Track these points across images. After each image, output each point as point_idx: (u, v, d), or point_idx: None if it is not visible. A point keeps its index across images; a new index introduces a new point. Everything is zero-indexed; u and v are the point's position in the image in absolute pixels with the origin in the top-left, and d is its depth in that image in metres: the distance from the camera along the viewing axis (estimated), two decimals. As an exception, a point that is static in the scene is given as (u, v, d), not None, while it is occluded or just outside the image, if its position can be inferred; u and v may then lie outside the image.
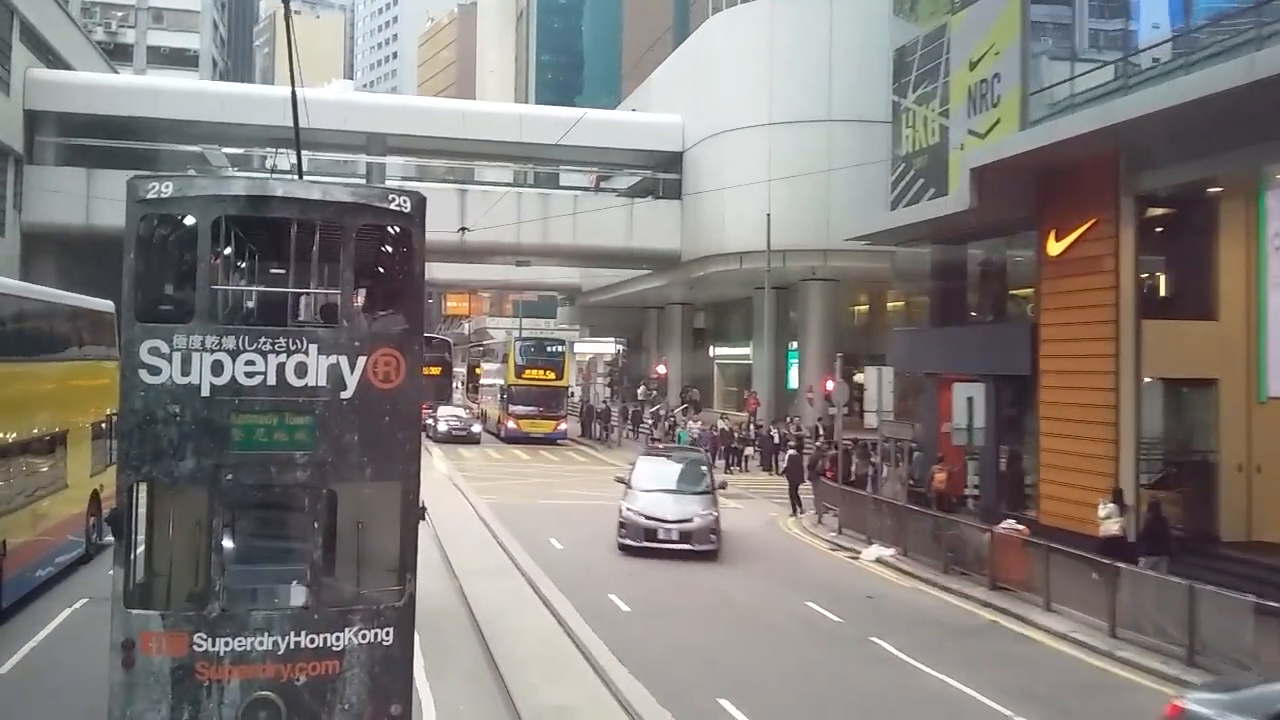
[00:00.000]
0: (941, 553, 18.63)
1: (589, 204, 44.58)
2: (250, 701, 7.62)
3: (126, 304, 7.85)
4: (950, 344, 23.97)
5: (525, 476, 31.71)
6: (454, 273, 57.86)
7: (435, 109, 44.32)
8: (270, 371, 7.77)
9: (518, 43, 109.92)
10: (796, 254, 37.73)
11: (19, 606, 14.09)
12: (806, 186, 37.87)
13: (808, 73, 38.57)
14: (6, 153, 36.38)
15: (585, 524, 22.77)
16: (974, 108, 22.91)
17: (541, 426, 41.81)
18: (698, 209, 42.30)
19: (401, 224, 8.43)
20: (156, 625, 7.64)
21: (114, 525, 7.86)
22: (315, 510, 8.05)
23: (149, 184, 7.80)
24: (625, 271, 53.83)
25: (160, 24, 78.29)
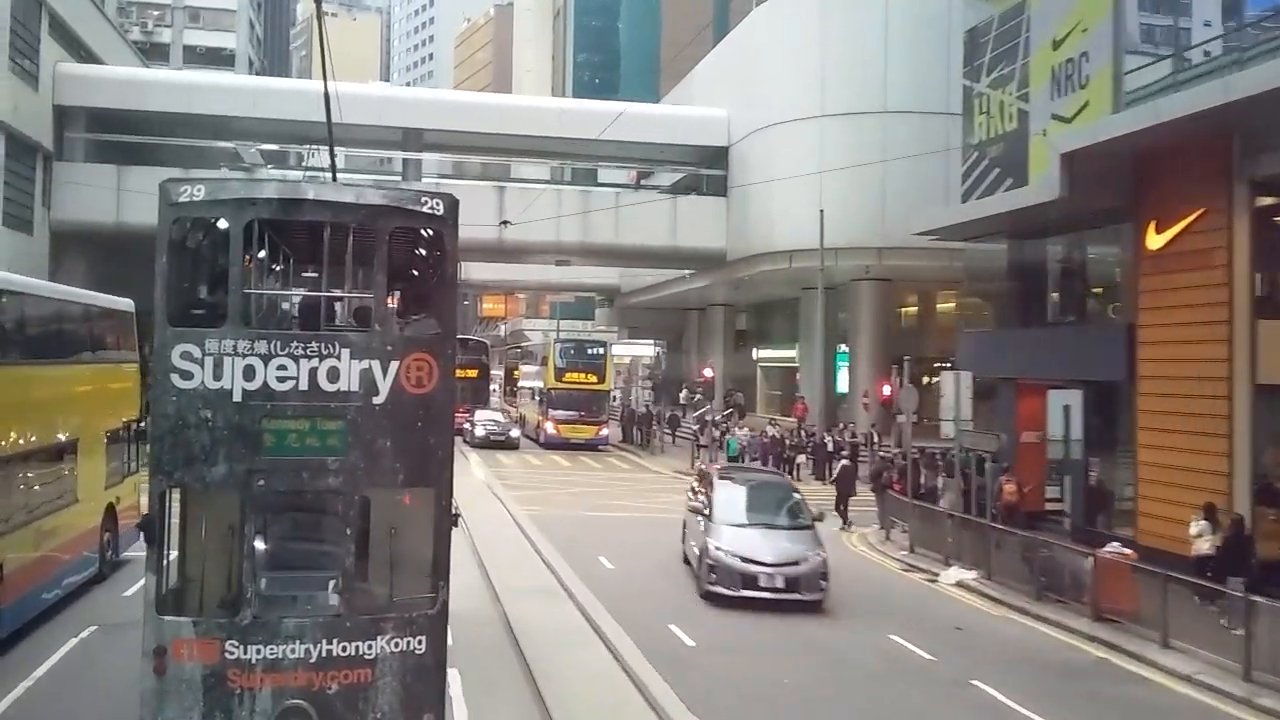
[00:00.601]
0: (1033, 577, 16.86)
1: (631, 201, 42.99)
2: (282, 710, 7.53)
3: (158, 308, 7.72)
4: (1029, 347, 22.13)
5: (567, 485, 30.18)
6: (491, 273, 56.56)
7: (473, 103, 42.97)
8: (302, 376, 7.67)
9: (554, 42, 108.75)
10: (849, 252, 35.96)
11: (20, 635, 12.72)
12: (860, 181, 36.15)
13: (861, 63, 36.87)
14: (35, 149, 35.42)
15: (635, 539, 21.19)
16: (1058, 90, 21.09)
17: (582, 432, 40.25)
18: (744, 206, 40.62)
19: (434, 226, 8.32)
20: (188, 632, 7.58)
21: (146, 531, 7.80)
22: (347, 516, 7.97)
23: (181, 187, 7.69)
24: (666, 271, 52.28)
25: (196, 23, 77.72)
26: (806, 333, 45.96)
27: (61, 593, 14.34)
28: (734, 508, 16.78)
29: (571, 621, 14.19)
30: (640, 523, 23.41)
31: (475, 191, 42.55)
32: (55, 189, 36.83)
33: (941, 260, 36.15)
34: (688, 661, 12.96)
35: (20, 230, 34.27)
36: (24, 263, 32.87)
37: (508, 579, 16.28)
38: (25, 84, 34.11)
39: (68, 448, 14.61)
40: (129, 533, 17.60)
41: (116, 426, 16.95)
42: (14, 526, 12.56)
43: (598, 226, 41.20)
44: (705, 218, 42.11)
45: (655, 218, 41.79)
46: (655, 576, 17.85)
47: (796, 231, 37.57)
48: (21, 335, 13.31)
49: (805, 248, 37.33)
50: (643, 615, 14.81)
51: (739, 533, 16.13)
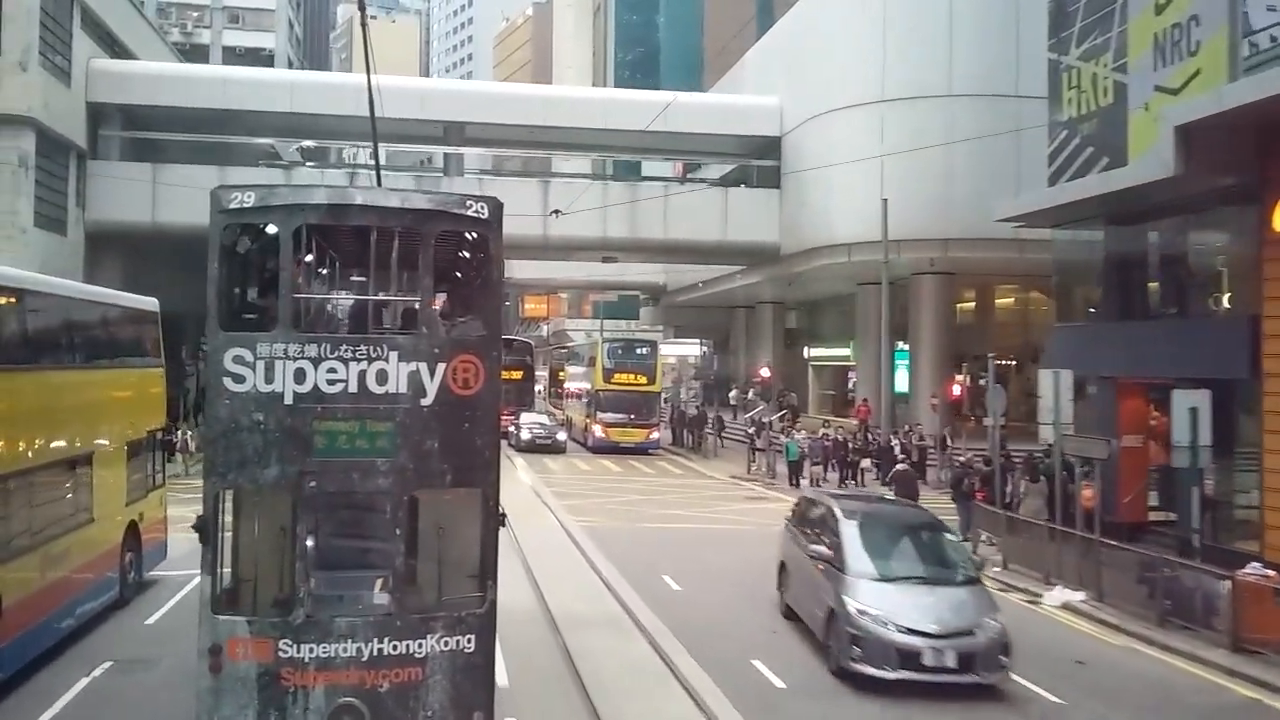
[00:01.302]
0: (1154, 601, 14.97)
1: (682, 194, 41.32)
2: (335, 708, 7.56)
3: (211, 312, 7.82)
4: (1131, 342, 20.14)
5: (619, 492, 28.54)
6: (535, 270, 55.09)
7: (516, 95, 41.34)
8: (352, 379, 7.74)
9: (595, 38, 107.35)
10: (912, 244, 34.00)
11: (26, 673, 11.30)
12: (924, 169, 34.23)
13: (924, 43, 34.92)
14: (68, 147, 34.40)
15: (700, 556, 19.48)
16: (1162, 59, 19.10)
17: (632, 435, 38.58)
18: (799, 198, 38.77)
19: (479, 230, 8.41)
20: (243, 631, 7.67)
21: (201, 532, 7.89)
22: (397, 516, 8.02)
23: (231, 194, 7.80)
24: (714, 268, 50.53)
25: (236, 24, 77.31)
26: (863, 330, 44.17)
27: (75, 622, 12.94)
28: (873, 554, 12.69)
29: (642, 658, 12.52)
30: (702, 537, 21.71)
31: (520, 187, 41.14)
32: (89, 188, 35.82)
33: (1009, 252, 34.18)
34: (780, 707, 11.26)
35: (53, 230, 33.26)
36: (57, 263, 31.90)
37: (566, 604, 14.68)
38: (57, 80, 33.09)
39: (82, 461, 13.21)
40: (154, 550, 16.29)
41: (139, 436, 15.57)
42: (16, 552, 11.14)
43: (645, 221, 39.52)
44: (757, 210, 40.30)
45: (705, 211, 40.09)
46: (726, 599, 16.10)
47: (856, 223, 35.73)
48: (25, 337, 11.90)
49: (865, 240, 35.45)
50: (720, 644, 13.14)
51: (885, 590, 12.10)
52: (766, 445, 33.26)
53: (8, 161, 30.81)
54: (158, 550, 16.54)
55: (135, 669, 11.98)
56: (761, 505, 26.45)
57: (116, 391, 14.98)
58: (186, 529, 19.21)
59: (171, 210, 36.01)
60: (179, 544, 18.86)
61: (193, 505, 22.25)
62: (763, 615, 15.06)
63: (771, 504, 26.83)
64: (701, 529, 22.46)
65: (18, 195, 30.98)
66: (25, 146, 31.20)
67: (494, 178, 41.24)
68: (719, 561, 18.90)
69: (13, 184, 30.93)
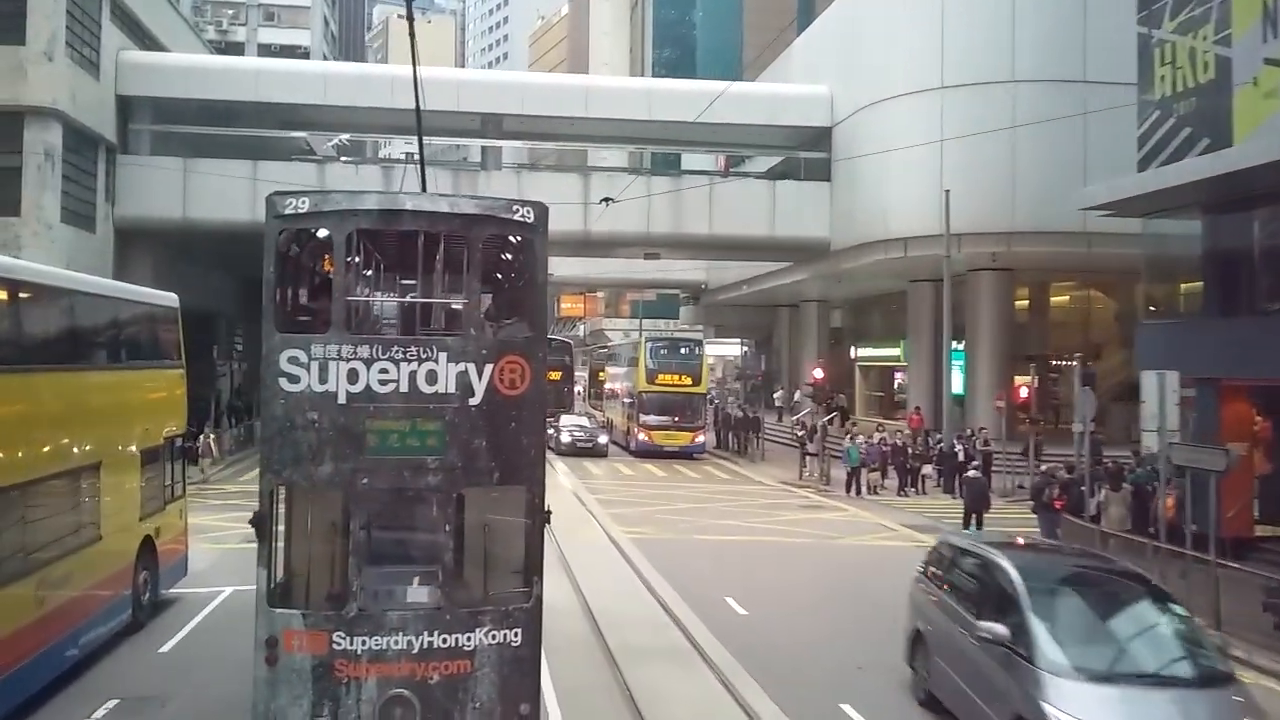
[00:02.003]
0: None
1: (727, 188, 39.70)
2: (387, 699, 7.67)
3: (266, 315, 7.99)
4: (1234, 340, 18.32)
5: (667, 500, 27.01)
6: (573, 267, 53.62)
7: (556, 85, 39.93)
8: (403, 379, 7.88)
9: (632, 33, 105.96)
10: (974, 238, 32.19)
11: (19, 715, 9.99)
12: (985, 159, 32.47)
13: (985, 26, 33.10)
14: (97, 141, 33.40)
15: (762, 573, 17.92)
16: (1273, 29, 17.30)
17: (677, 439, 36.98)
18: (851, 191, 37.05)
19: (525, 233, 8.52)
20: (298, 624, 7.77)
21: (257, 527, 8.01)
22: (445, 513, 8.25)
23: (287, 199, 7.99)
24: (756, 266, 48.82)
25: (271, 21, 76.81)
26: (915, 329, 42.49)
27: (80, 653, 11.61)
28: (1076, 638, 8.93)
29: (714, 700, 10.98)
30: (761, 551, 20.13)
31: (560, 181, 39.76)
32: (119, 183, 34.82)
33: (1075, 246, 32.44)
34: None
35: (81, 227, 32.26)
36: (85, 261, 30.90)
37: (624, 632, 13.19)
38: (85, 73, 32.10)
39: (88, 472, 11.89)
40: (173, 567, 15.01)
41: (155, 443, 14.25)
42: (8, 578, 9.81)
43: (689, 215, 37.96)
44: (806, 204, 38.58)
45: (751, 205, 38.41)
46: (800, 626, 14.53)
47: (913, 217, 34.03)
48: (19, 334, 10.58)
49: (923, 234, 33.76)
50: (801, 682, 11.59)
51: (1104, 699, 8.23)
52: (820, 450, 31.60)
53: (34, 155, 29.80)
54: (177, 566, 15.26)
55: (145, 708, 10.65)
56: (819, 515, 24.85)
57: (130, 395, 13.68)
58: (209, 541, 18.02)
59: (202, 206, 35.01)
60: (201, 556, 17.68)
61: (222, 513, 21.14)
62: (844, 647, 13.47)
63: (829, 513, 25.24)
64: (759, 542, 20.89)
65: (44, 190, 29.96)
66: (51, 140, 30.17)
67: (533, 172, 39.86)
68: (784, 580, 17.36)
69: (39, 179, 29.91)
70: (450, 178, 36.82)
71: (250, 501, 23.80)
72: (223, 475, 30.98)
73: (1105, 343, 45.45)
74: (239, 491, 26.77)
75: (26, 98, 29.46)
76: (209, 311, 45.21)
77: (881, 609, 14.67)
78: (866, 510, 25.86)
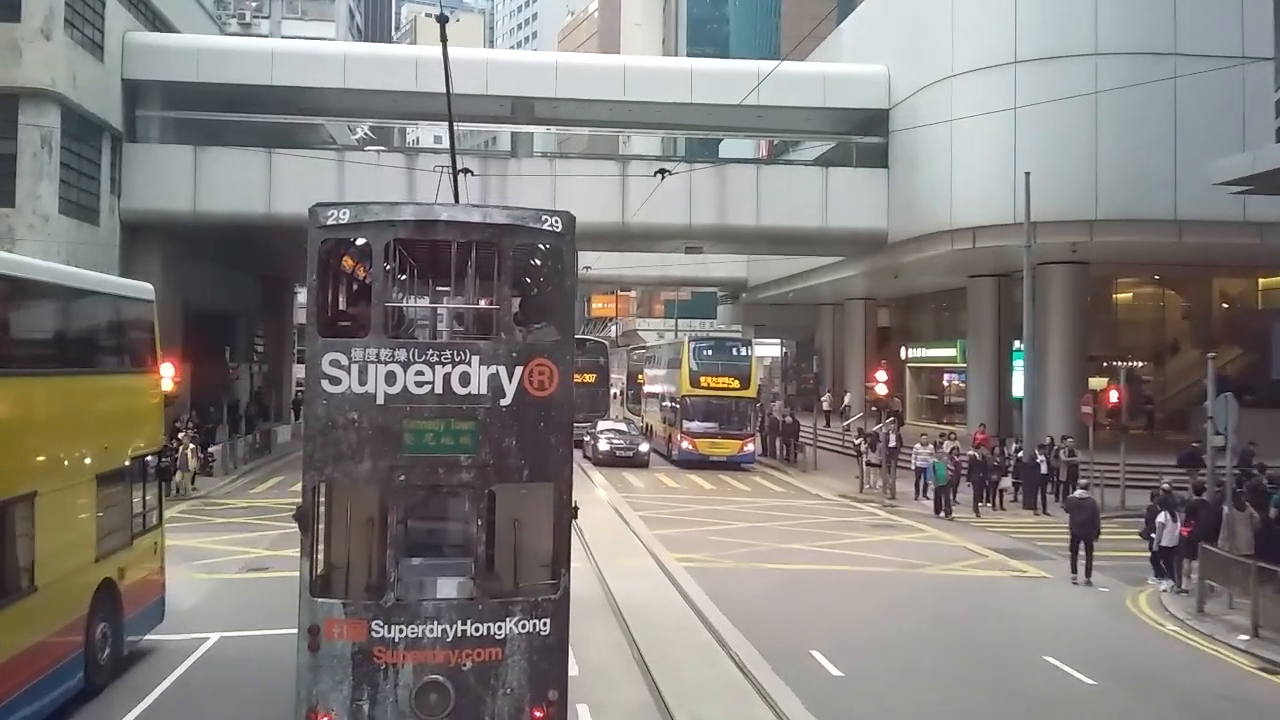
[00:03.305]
0: None
1: (775, 176, 36.92)
2: (422, 685, 7.93)
3: (309, 320, 8.49)
4: None
5: (718, 517, 24.27)
6: (608, 262, 50.82)
7: (591, 66, 36.99)
8: (437, 381, 8.16)
9: (665, 26, 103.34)
10: (1052, 227, 29.19)
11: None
12: (1065, 141, 29.64)
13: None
14: (100, 128, 31.12)
15: (848, 615, 15.14)
16: None
17: (723, 447, 34.07)
18: (911, 178, 34.13)
19: (554, 242, 8.72)
20: (338, 613, 8.06)
21: (300, 521, 8.28)
22: (478, 509, 8.48)
23: (328, 211, 8.25)
24: (803, 261, 45.95)
25: (295, 14, 74.80)
26: (976, 328, 39.62)
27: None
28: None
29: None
30: (838, 584, 17.33)
31: (595, 170, 37.07)
32: (126, 174, 32.54)
33: (1165, 236, 29.49)
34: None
35: (83, 219, 29.96)
36: (87, 255, 28.72)
37: (694, 705, 10.48)
38: (88, 54, 29.83)
39: (15, 508, 9.32)
40: (144, 613, 12.49)
41: (118, 465, 11.71)
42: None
43: (735, 206, 35.17)
44: (861, 193, 35.65)
45: (801, 194, 35.53)
46: (917, 694, 11.70)
47: (981, 205, 31.16)
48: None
49: (993, 224, 30.88)
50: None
51: None
52: (883, 459, 28.73)
53: (28, 141, 27.54)
54: (149, 611, 12.71)
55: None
56: (893, 537, 22.00)
57: (84, 407, 11.12)
58: (203, 569, 15.56)
59: (214, 198, 32.70)
60: (188, 590, 15.17)
61: (223, 534, 18.58)
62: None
63: (903, 534, 22.43)
64: (832, 572, 18.09)
65: (39, 178, 27.69)
66: (49, 124, 27.88)
67: (567, 159, 37.22)
68: (875, 624, 14.58)
69: (34, 166, 27.65)
70: (478, 166, 34.27)
71: (259, 520, 20.93)
72: (230, 488, 28.54)
73: (1178, 341, 42.51)
74: (246, 508, 24.33)
75: (21, 79, 27.25)
76: (226, 311, 43.03)
77: (1006, 667, 11.92)
78: (945, 530, 23.00)
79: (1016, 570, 18.66)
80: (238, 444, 34.58)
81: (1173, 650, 14.10)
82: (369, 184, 33.46)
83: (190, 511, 23.80)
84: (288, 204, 33.18)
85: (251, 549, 18.98)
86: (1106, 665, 12.81)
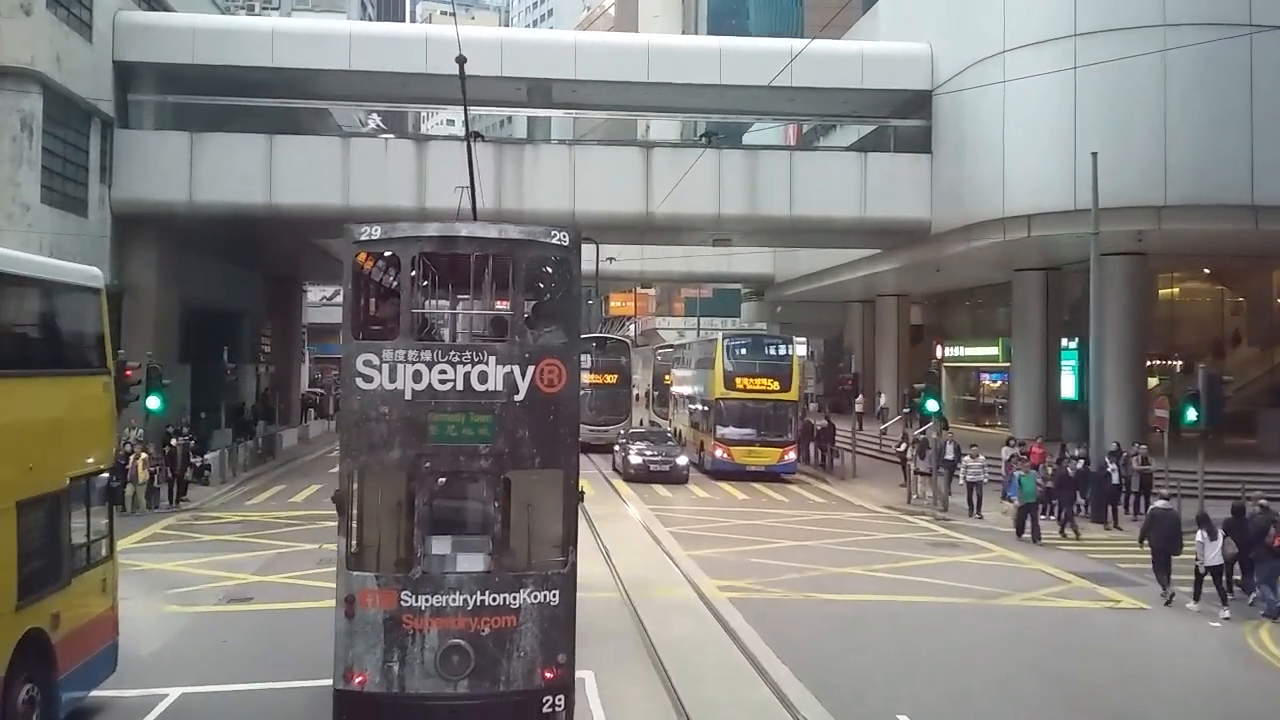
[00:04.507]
0: None
1: (809, 163, 34.58)
2: (446, 648, 8.83)
3: (345, 325, 9.34)
4: None
5: (759, 533, 21.93)
6: (629, 254, 48.35)
7: (613, 45, 34.42)
8: (459, 379, 9.09)
9: (684, 16, 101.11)
10: (1116, 213, 26.66)
11: None
12: (1130, 121, 27.29)
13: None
14: (89, 113, 29.05)
15: (931, 660, 12.78)
16: None
17: (762, 456, 31.09)
18: (959, 163, 31.69)
19: (561, 254, 9.75)
20: (372, 584, 8.93)
21: (338, 504, 9.20)
22: (494, 492, 9.27)
23: (361, 229, 9.31)
24: (831, 256, 43.58)
25: (304, 5, 72.94)
26: (1022, 325, 37.21)
27: None
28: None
29: None
30: (910, 618, 14.97)
31: (618, 157, 34.86)
32: (118, 162, 30.46)
33: (1240, 222, 27.03)
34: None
35: (69, 210, 27.89)
36: (74, 248, 26.70)
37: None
38: (74, 32, 27.78)
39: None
40: (89, 665, 10.37)
41: (51, 489, 9.52)
42: None
43: (767, 194, 32.83)
44: (902, 181, 33.23)
45: (838, 182, 33.14)
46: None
47: (1038, 190, 28.80)
48: None
49: (1052, 211, 28.47)
50: None
51: None
52: (934, 468, 26.35)
53: (7, 124, 25.49)
54: (97, 662, 10.53)
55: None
56: (959, 559, 19.63)
57: (15, 414, 8.93)
58: (176, 600, 13.51)
59: (211, 187, 30.62)
60: (154, 629, 12.99)
61: (210, 555, 16.20)
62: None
63: (968, 555, 20.08)
64: (900, 605, 15.71)
65: (19, 165, 25.63)
66: (29, 107, 25.82)
67: (587, 146, 34.94)
68: (963, 674, 12.24)
69: (13, 151, 25.60)
70: (493, 154, 32.09)
71: (252, 537, 19.47)
72: (226, 499, 26.44)
73: (1239, 334, 40.04)
74: (240, 522, 22.20)
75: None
76: (230, 310, 40.98)
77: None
78: (1014, 549, 20.60)
79: (1109, 600, 16.28)
80: (238, 450, 32.51)
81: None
82: (376, 173, 31.36)
83: (177, 527, 21.66)
84: (290, 194, 31.12)
85: (236, 574, 16.77)
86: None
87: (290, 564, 17.59)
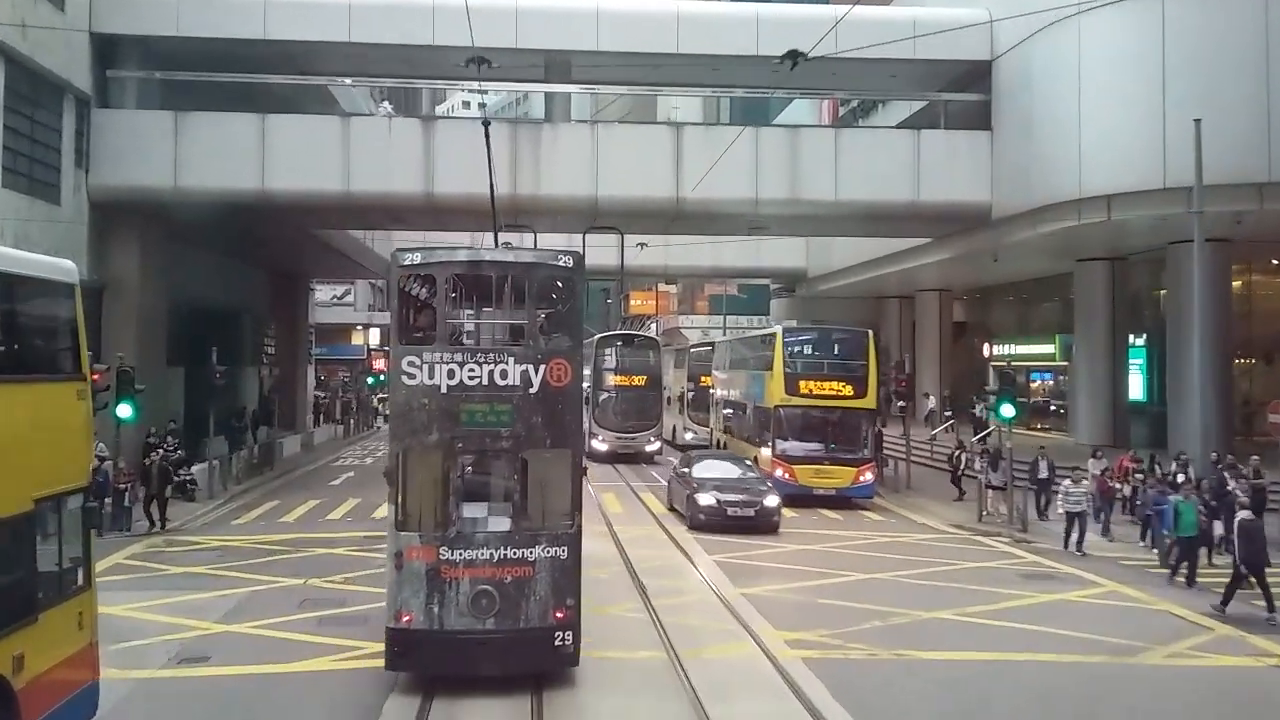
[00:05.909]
0: None
1: (856, 142, 31.50)
2: (476, 593, 10.83)
3: (393, 333, 11.73)
4: None
5: (821, 564, 18.79)
6: (653, 245, 45.22)
7: (638, 13, 31.17)
8: (484, 375, 11.12)
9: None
10: (1211, 191, 23.37)
11: None
12: (1226, 89, 24.00)
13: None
14: (61, 89, 26.24)
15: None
16: None
17: (833, 477, 26.16)
18: (1025, 140, 28.48)
19: (567, 274, 11.98)
20: (416, 542, 10.97)
21: (389, 477, 11.23)
22: (514, 467, 11.21)
23: (406, 255, 11.53)
24: (871, 247, 40.35)
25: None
26: (1086, 320, 34.15)
27: None
28: None
29: None
30: (1035, 687, 11.80)
31: (646, 136, 31.88)
32: (96, 144, 27.64)
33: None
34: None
35: (38, 196, 25.07)
36: (44, 239, 24.05)
37: None
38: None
39: None
40: (65, 709, 7.83)
41: (15, 510, 6.99)
42: None
43: (809, 177, 29.75)
44: (959, 160, 30.05)
45: (888, 163, 30.00)
46: None
47: (1121, 168, 25.71)
48: None
49: (1137, 190, 25.32)
50: None
51: None
52: (1008, 481, 23.23)
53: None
54: (70, 709, 8.32)
55: None
56: (1062, 595, 16.47)
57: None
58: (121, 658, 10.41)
59: (198, 172, 27.77)
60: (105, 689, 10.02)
61: (172, 595, 13.41)
62: None
63: (1071, 590, 16.94)
64: (1017, 666, 12.51)
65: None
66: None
67: (612, 125, 31.85)
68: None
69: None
70: (508, 135, 29.14)
71: (228, 569, 17.65)
72: (210, 518, 23.57)
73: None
74: (218, 549, 19.26)
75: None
76: (228, 308, 38.13)
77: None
78: (1119, 582, 17.41)
79: (1271, 655, 13.13)
80: (232, 460, 29.65)
81: None
82: (379, 155, 28.43)
83: (143, 556, 18.73)
84: (284, 179, 28.20)
85: (198, 622, 13.78)
86: None
87: (265, 607, 14.66)
